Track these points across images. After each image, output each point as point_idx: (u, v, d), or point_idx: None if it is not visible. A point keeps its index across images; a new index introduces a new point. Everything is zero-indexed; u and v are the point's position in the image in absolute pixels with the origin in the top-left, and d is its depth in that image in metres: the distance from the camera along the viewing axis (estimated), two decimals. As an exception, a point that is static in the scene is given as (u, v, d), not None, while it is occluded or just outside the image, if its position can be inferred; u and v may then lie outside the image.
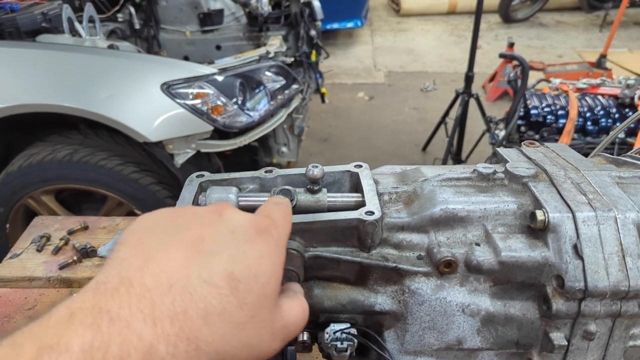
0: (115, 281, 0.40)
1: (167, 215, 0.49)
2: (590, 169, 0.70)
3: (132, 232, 0.46)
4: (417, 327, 0.65)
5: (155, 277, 0.40)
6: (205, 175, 0.74)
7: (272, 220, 0.51)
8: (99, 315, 0.36)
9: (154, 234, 0.45)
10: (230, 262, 0.43)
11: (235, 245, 0.45)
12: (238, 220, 0.49)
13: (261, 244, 0.47)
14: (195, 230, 0.46)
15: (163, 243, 0.44)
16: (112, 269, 0.41)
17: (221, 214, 0.49)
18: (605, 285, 0.59)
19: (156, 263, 0.41)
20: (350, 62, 7.51)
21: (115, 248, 0.44)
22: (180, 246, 0.44)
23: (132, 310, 0.37)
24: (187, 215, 0.49)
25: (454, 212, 0.65)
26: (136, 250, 0.43)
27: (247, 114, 2.71)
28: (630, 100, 3.19)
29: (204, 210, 0.50)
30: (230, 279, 0.42)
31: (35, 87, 2.43)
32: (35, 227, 1.46)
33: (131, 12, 3.86)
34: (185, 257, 0.42)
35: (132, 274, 0.40)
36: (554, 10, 9.51)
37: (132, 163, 2.55)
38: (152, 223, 0.47)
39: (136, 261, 0.42)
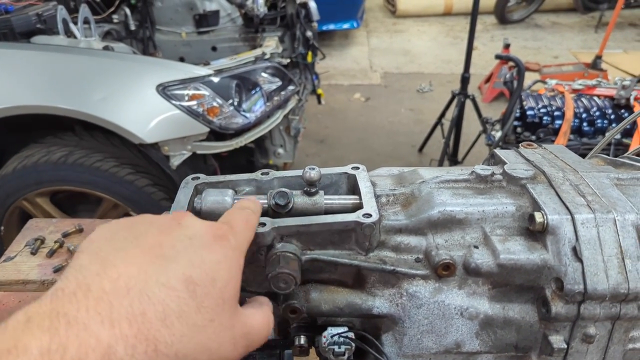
0: (72, 286, 0.40)
1: (125, 224, 0.49)
2: (589, 171, 0.70)
3: (91, 240, 0.47)
4: (416, 330, 0.65)
5: (113, 281, 0.40)
6: (200, 177, 0.73)
7: (231, 226, 0.52)
8: (56, 319, 0.37)
9: (113, 241, 0.46)
10: (188, 266, 0.44)
11: (193, 251, 0.46)
12: (196, 227, 0.50)
13: (218, 250, 0.47)
14: (153, 237, 0.47)
15: (121, 249, 0.44)
16: (71, 276, 0.42)
17: (179, 221, 0.50)
18: (605, 288, 0.58)
19: (115, 268, 0.42)
20: (347, 63, 7.51)
21: (74, 256, 0.45)
22: (139, 252, 0.44)
23: (89, 313, 0.38)
24: (145, 223, 0.49)
25: (452, 215, 0.64)
26: (95, 257, 0.44)
27: (243, 115, 2.70)
28: (626, 101, 3.20)
29: (162, 218, 0.51)
30: (188, 283, 0.43)
31: (30, 89, 2.42)
32: (30, 229, 1.44)
33: (126, 13, 3.85)
34: (143, 262, 0.43)
35: (91, 279, 0.41)
36: (550, 11, 9.54)
37: (127, 165, 2.54)
38: (110, 232, 0.48)
39: (94, 267, 0.42)
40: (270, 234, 0.61)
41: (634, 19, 9.04)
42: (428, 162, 4.62)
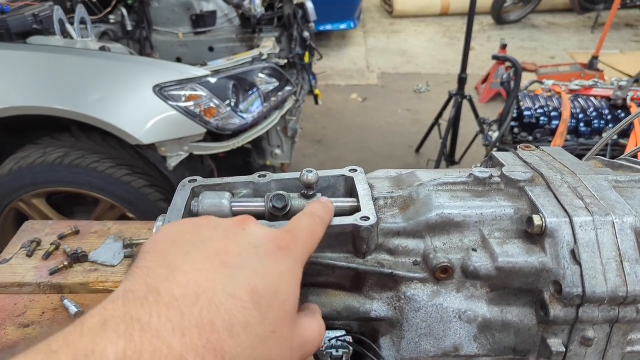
0: (143, 290, 0.40)
1: (191, 226, 0.49)
2: (587, 173, 0.70)
3: (156, 242, 0.47)
4: (414, 334, 0.64)
5: (182, 287, 0.40)
6: (198, 180, 0.73)
7: (294, 236, 0.51)
8: (130, 324, 0.37)
9: (178, 244, 0.46)
10: (254, 277, 0.44)
11: (258, 261, 0.46)
12: (260, 235, 0.49)
13: (282, 261, 0.47)
14: (219, 242, 0.46)
15: (188, 253, 0.44)
16: (139, 278, 0.42)
17: (244, 227, 0.50)
18: (604, 291, 0.58)
19: (182, 273, 0.42)
20: (344, 63, 7.51)
21: (140, 257, 0.45)
22: (205, 258, 0.44)
23: (161, 320, 0.38)
24: (211, 227, 0.49)
25: (450, 217, 0.64)
26: (162, 259, 0.44)
27: (240, 116, 2.70)
28: (623, 101, 3.21)
29: (227, 222, 0.50)
30: (253, 294, 0.42)
31: (27, 90, 2.40)
32: (26, 231, 1.44)
33: (123, 14, 3.84)
34: (210, 268, 0.43)
35: (160, 284, 0.41)
36: (546, 11, 9.56)
37: (124, 166, 2.53)
38: (175, 233, 0.48)
39: (162, 270, 0.42)
40: (268, 237, 0.61)
41: (631, 19, 9.07)
42: (425, 162, 4.62)
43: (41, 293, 1.24)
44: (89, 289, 1.26)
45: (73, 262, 1.31)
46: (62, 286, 1.26)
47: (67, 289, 1.26)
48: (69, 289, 1.26)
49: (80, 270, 1.30)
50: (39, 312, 1.17)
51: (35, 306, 1.19)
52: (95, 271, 1.30)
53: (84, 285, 1.26)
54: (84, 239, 1.42)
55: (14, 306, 1.18)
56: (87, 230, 1.45)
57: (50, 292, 1.25)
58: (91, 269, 1.31)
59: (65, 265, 1.30)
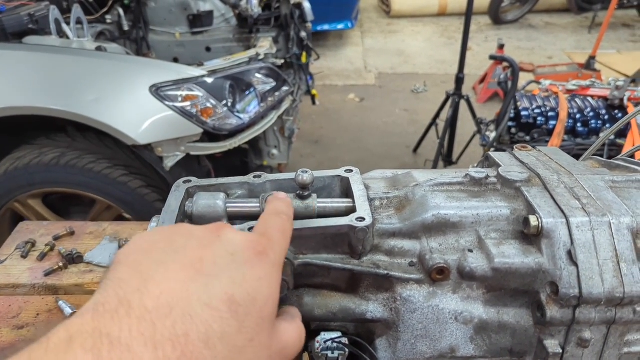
0: (114, 302, 0.38)
1: (164, 235, 0.48)
2: (584, 173, 0.69)
3: (129, 251, 0.45)
4: (410, 335, 0.64)
5: (155, 298, 0.39)
6: (192, 181, 0.72)
7: (269, 239, 0.50)
8: (99, 339, 0.35)
9: (152, 253, 0.44)
10: (230, 285, 0.42)
11: (235, 268, 0.44)
12: (236, 242, 0.48)
13: (259, 267, 0.46)
14: (193, 251, 0.45)
15: (161, 263, 0.43)
16: (110, 290, 0.40)
17: (219, 234, 0.48)
18: (600, 292, 0.58)
19: (155, 284, 0.40)
20: (341, 63, 7.50)
21: (112, 268, 0.43)
22: (179, 267, 0.43)
23: (132, 334, 0.36)
24: (185, 235, 0.48)
25: (446, 218, 0.64)
26: (134, 270, 0.42)
27: (237, 116, 2.69)
28: (620, 101, 3.21)
29: (201, 230, 0.49)
30: (230, 303, 0.41)
31: (22, 90, 2.40)
32: (20, 232, 1.43)
33: (120, 14, 3.83)
34: (184, 278, 0.41)
35: (131, 295, 0.39)
36: (543, 11, 9.57)
37: (120, 166, 2.53)
38: (149, 243, 0.46)
39: (135, 282, 0.41)
40: (262, 238, 0.60)
41: (627, 19, 9.09)
42: (423, 162, 4.62)
43: (36, 294, 1.24)
44: (84, 290, 1.25)
45: (68, 263, 1.30)
46: (57, 287, 1.25)
47: (62, 290, 1.25)
48: (64, 290, 1.25)
49: (75, 271, 1.30)
50: (33, 314, 1.16)
51: (29, 307, 1.18)
52: (90, 272, 1.29)
53: (79, 287, 1.25)
54: (79, 240, 1.41)
55: (9, 307, 1.17)
56: (82, 231, 1.44)
57: (45, 293, 1.24)
58: (86, 270, 1.30)
59: (60, 266, 1.29)
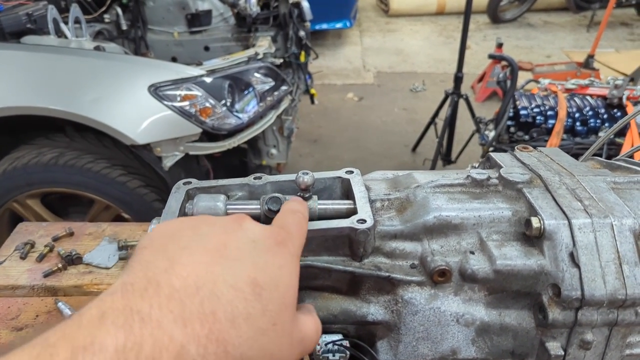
0: (143, 282, 0.40)
1: (189, 223, 0.49)
2: (585, 174, 0.69)
3: (154, 237, 0.47)
4: (411, 337, 0.64)
5: (182, 279, 0.40)
6: (192, 182, 0.72)
7: (288, 232, 0.52)
8: (130, 316, 0.36)
9: (176, 239, 0.46)
10: (253, 269, 0.44)
11: (257, 254, 0.46)
12: (257, 231, 0.49)
13: (280, 256, 0.47)
14: (217, 237, 0.46)
15: (187, 248, 0.44)
16: (138, 271, 0.41)
17: (241, 224, 0.50)
18: (602, 294, 0.57)
19: (182, 266, 0.42)
20: (340, 62, 7.50)
21: (137, 252, 0.45)
22: (204, 251, 0.44)
23: (162, 311, 0.37)
24: (208, 223, 0.49)
25: (448, 220, 0.64)
26: (160, 253, 0.44)
27: (236, 115, 2.69)
28: (619, 100, 3.21)
29: (223, 219, 0.51)
30: (254, 285, 0.42)
31: (21, 90, 2.39)
32: (19, 233, 1.42)
33: (118, 13, 3.82)
34: (209, 261, 0.43)
35: (160, 276, 0.40)
36: (542, 10, 9.58)
37: (119, 166, 2.52)
38: (173, 229, 0.48)
39: (162, 263, 0.42)
40: (263, 240, 0.60)
41: (626, 18, 9.10)
42: (421, 161, 4.62)
43: (35, 296, 1.23)
44: (84, 291, 1.25)
45: (67, 264, 1.30)
46: (56, 289, 1.24)
47: (61, 291, 1.24)
48: (63, 292, 1.24)
49: (74, 272, 1.29)
50: (32, 315, 1.15)
51: (28, 309, 1.17)
52: (89, 273, 1.29)
53: (78, 288, 1.25)
54: (78, 241, 1.40)
55: (7, 309, 1.16)
56: (82, 232, 1.44)
57: (44, 294, 1.24)
58: (85, 271, 1.30)
59: (59, 267, 1.28)
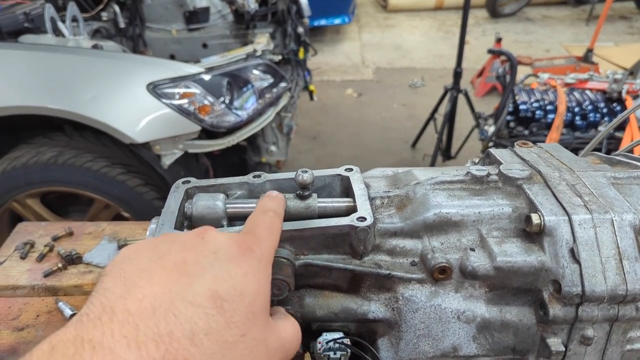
0: (97, 311, 0.39)
1: (149, 244, 0.48)
2: (585, 170, 0.69)
3: (115, 263, 0.46)
4: (412, 334, 0.64)
5: (138, 302, 0.40)
6: (191, 181, 0.72)
7: (254, 235, 0.51)
8: (80, 346, 0.36)
9: (136, 262, 0.45)
10: (214, 281, 0.43)
11: (219, 266, 0.45)
12: (220, 241, 0.48)
13: (244, 263, 0.46)
14: (176, 254, 0.46)
15: (145, 270, 0.44)
16: (95, 300, 0.41)
17: (203, 237, 0.49)
18: (603, 290, 0.57)
19: (139, 289, 0.41)
20: (338, 59, 7.48)
21: (98, 280, 0.44)
22: (163, 271, 0.43)
23: (115, 337, 0.37)
24: (168, 241, 0.48)
25: (448, 217, 0.63)
26: (118, 279, 0.43)
27: (235, 113, 2.68)
28: (618, 94, 3.20)
29: (185, 235, 0.50)
30: (215, 299, 0.41)
31: (19, 89, 2.38)
32: (19, 233, 1.42)
33: (116, 11, 3.80)
34: (168, 280, 0.42)
35: (115, 302, 0.40)
36: (541, 4, 9.56)
37: (118, 165, 2.52)
38: (133, 253, 0.47)
39: (118, 289, 0.41)
40: (263, 239, 0.60)
41: (625, 11, 9.07)
42: (421, 157, 4.61)
43: (35, 296, 1.23)
44: (84, 290, 1.25)
45: (67, 264, 1.30)
46: (56, 288, 1.24)
47: (62, 291, 1.24)
48: (64, 291, 1.24)
49: (74, 272, 1.29)
50: (33, 315, 1.15)
51: (29, 309, 1.17)
52: (89, 273, 1.29)
53: (78, 287, 1.25)
54: (78, 240, 1.40)
55: (8, 309, 1.16)
56: (81, 231, 1.43)
57: (44, 294, 1.24)
58: (86, 270, 1.30)
59: (60, 267, 1.28)
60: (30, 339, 1.09)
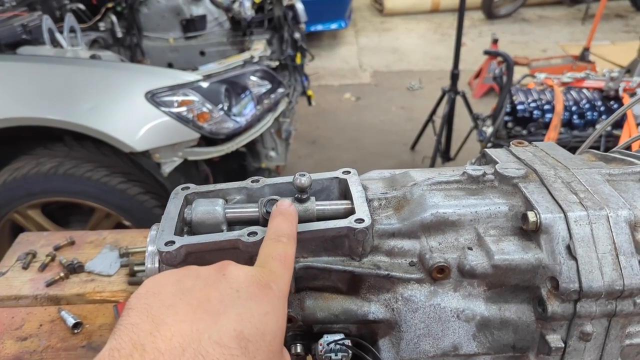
0: (128, 347, 0.40)
1: (172, 278, 0.49)
2: (580, 167, 0.70)
3: (139, 296, 0.47)
4: (412, 334, 0.64)
5: (167, 341, 0.41)
6: (190, 187, 0.72)
7: (271, 271, 0.52)
8: None
9: (161, 297, 0.46)
10: (238, 321, 0.44)
11: (241, 304, 0.46)
12: (241, 279, 0.49)
13: (264, 301, 0.48)
14: (200, 291, 0.47)
15: (171, 306, 0.45)
16: (124, 335, 0.42)
17: (224, 272, 0.50)
18: (600, 285, 0.58)
19: (167, 327, 0.42)
20: (336, 63, 7.50)
21: (124, 313, 0.45)
22: (188, 308, 0.44)
23: None
24: (192, 276, 0.49)
25: (445, 217, 0.64)
26: (145, 314, 0.44)
27: (233, 119, 2.69)
28: (615, 92, 3.21)
29: (207, 270, 0.51)
30: (239, 339, 0.43)
31: (18, 100, 2.39)
32: (21, 243, 1.43)
33: (113, 21, 3.82)
34: (194, 318, 0.43)
35: (144, 339, 0.41)
36: (536, 5, 9.58)
37: (118, 173, 2.52)
38: (157, 287, 0.48)
39: (147, 326, 0.42)
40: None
41: (620, 10, 9.10)
42: (421, 159, 4.62)
43: (38, 305, 1.23)
44: (86, 299, 1.25)
45: (69, 273, 1.30)
46: (58, 297, 1.25)
47: (64, 300, 1.25)
48: (66, 300, 1.25)
49: (76, 280, 1.30)
50: (36, 325, 1.16)
51: (32, 319, 1.18)
52: (91, 281, 1.29)
53: (80, 296, 1.25)
54: (79, 249, 1.41)
55: (11, 319, 1.17)
56: (83, 241, 1.44)
57: (47, 304, 1.24)
58: (88, 279, 1.30)
59: (62, 276, 1.29)
60: (34, 349, 1.09)
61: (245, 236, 0.60)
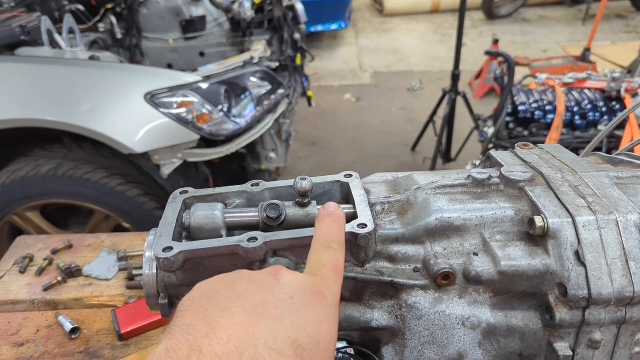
0: (185, 348, 0.40)
1: (226, 281, 0.49)
2: (588, 170, 0.68)
3: (193, 299, 0.47)
4: (416, 342, 0.63)
5: (224, 344, 0.40)
6: (189, 191, 0.71)
7: (324, 279, 0.51)
8: None
9: (215, 300, 0.46)
10: (294, 328, 0.44)
11: (296, 311, 0.45)
12: (294, 285, 0.49)
13: (319, 310, 0.47)
14: (255, 295, 0.46)
15: (226, 309, 0.44)
16: (180, 336, 0.41)
17: (278, 278, 0.49)
18: (610, 292, 0.56)
19: (223, 330, 0.42)
20: (336, 64, 7.49)
21: (177, 315, 0.45)
22: (244, 312, 0.44)
23: None
24: (244, 280, 0.49)
25: (450, 221, 0.62)
26: (200, 316, 0.44)
27: (233, 121, 2.68)
28: (617, 93, 3.20)
29: (260, 275, 0.50)
30: (295, 347, 0.42)
31: (17, 102, 2.38)
32: (18, 247, 1.41)
33: (112, 22, 3.81)
34: (249, 322, 0.43)
35: (201, 341, 0.40)
36: (537, 5, 9.57)
37: (118, 175, 2.51)
38: (211, 290, 0.48)
39: (202, 328, 0.42)
40: (263, 249, 0.59)
41: (621, 10, 9.09)
42: (421, 160, 4.60)
43: (35, 310, 1.22)
44: (84, 304, 1.24)
45: (67, 277, 1.29)
46: (56, 302, 1.23)
47: (62, 304, 1.23)
48: (64, 305, 1.23)
49: (74, 285, 1.28)
50: (33, 330, 1.14)
51: (29, 324, 1.16)
52: (89, 285, 1.28)
53: (78, 301, 1.24)
54: (77, 253, 1.39)
55: (8, 325, 1.15)
56: (81, 244, 1.43)
57: (44, 308, 1.23)
58: (85, 283, 1.29)
59: (59, 280, 1.27)
60: (31, 355, 1.08)
61: (245, 242, 0.59)
